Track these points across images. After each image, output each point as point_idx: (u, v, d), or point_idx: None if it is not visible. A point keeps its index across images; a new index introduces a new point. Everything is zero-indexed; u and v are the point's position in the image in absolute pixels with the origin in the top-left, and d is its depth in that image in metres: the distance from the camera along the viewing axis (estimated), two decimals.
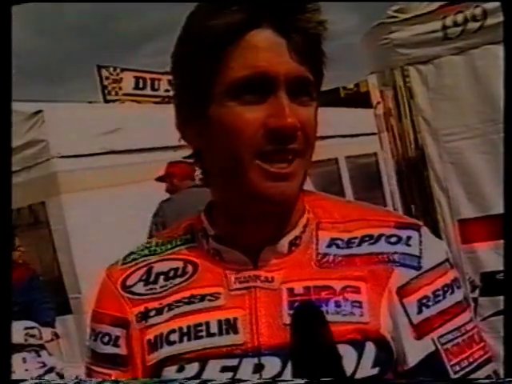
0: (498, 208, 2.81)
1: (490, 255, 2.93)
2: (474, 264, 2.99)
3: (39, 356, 3.77)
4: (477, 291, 2.99)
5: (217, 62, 0.81)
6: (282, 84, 0.80)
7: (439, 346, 0.85)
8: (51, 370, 3.73)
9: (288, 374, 0.82)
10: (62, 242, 4.56)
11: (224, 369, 0.85)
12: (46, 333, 3.96)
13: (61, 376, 3.67)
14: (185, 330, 0.88)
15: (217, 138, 0.84)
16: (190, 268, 0.92)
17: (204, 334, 0.87)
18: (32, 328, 3.81)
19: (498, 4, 2.70)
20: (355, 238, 0.89)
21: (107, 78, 10.73)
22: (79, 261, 4.42)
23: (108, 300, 0.95)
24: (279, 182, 0.81)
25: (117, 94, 10.76)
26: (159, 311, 0.90)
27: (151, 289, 0.93)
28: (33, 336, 3.78)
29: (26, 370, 3.60)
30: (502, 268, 2.83)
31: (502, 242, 2.83)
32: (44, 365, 3.73)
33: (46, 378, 3.64)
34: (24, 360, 3.64)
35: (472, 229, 3.01)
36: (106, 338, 0.93)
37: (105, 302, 0.96)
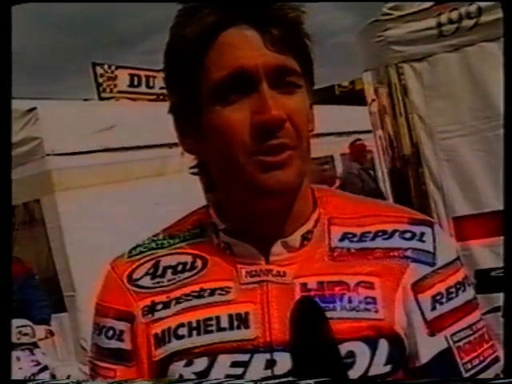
0: (493, 205, 2.82)
1: (484, 252, 2.94)
2: (468, 261, 2.99)
3: (33, 354, 3.76)
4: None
5: (198, 68, 0.82)
6: (262, 77, 0.80)
7: (452, 344, 0.85)
8: (45, 368, 3.72)
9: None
10: (56, 240, 4.55)
11: (234, 364, 0.83)
12: (40, 331, 3.95)
13: (53, 376, 3.66)
14: (194, 324, 0.86)
15: (212, 143, 0.84)
16: (199, 262, 0.91)
17: (214, 328, 0.85)
18: (25, 326, 3.79)
19: (492, 1, 2.70)
20: (369, 232, 0.89)
21: (102, 76, 10.71)
22: (74, 258, 4.41)
23: (113, 293, 0.93)
24: (273, 171, 0.81)
25: (111, 91, 10.74)
26: (166, 305, 0.89)
27: (158, 282, 0.91)
28: (25, 334, 3.76)
29: (20, 369, 3.59)
30: (496, 265, 2.83)
31: (496, 239, 2.83)
32: (38, 363, 3.72)
33: (40, 376, 3.63)
34: (18, 359, 3.63)
35: (467, 226, 3.01)
36: (110, 333, 0.92)
37: (109, 296, 0.94)
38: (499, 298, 2.83)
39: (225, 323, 0.85)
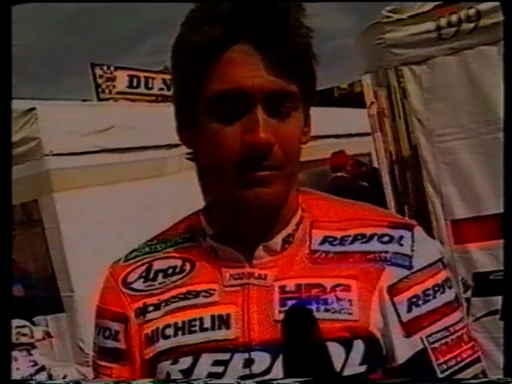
0: (491, 208, 2.82)
1: (482, 255, 2.94)
2: (466, 264, 3.00)
3: (30, 355, 3.76)
4: (469, 291, 3.00)
5: (199, 76, 0.84)
6: (257, 99, 0.82)
7: (427, 345, 0.87)
8: (42, 368, 3.72)
9: (276, 369, 0.84)
10: (54, 240, 4.54)
11: (216, 362, 0.87)
12: (38, 331, 3.95)
13: (50, 376, 3.66)
14: (179, 324, 0.91)
15: (203, 148, 0.88)
16: (187, 266, 0.95)
17: (197, 328, 0.89)
18: (23, 327, 3.79)
19: (492, 5, 2.71)
20: (348, 236, 0.91)
21: (101, 77, 10.70)
22: (72, 259, 4.41)
23: (109, 296, 0.99)
24: (256, 188, 0.84)
25: (110, 92, 10.73)
26: (157, 307, 0.94)
27: (150, 285, 0.96)
28: (24, 335, 3.76)
29: (18, 369, 3.59)
30: (494, 268, 2.84)
31: (495, 242, 2.84)
32: (35, 364, 3.72)
33: (37, 377, 3.63)
34: (15, 359, 3.63)
35: (465, 229, 3.02)
36: (107, 333, 0.98)
37: (107, 298, 0.99)
38: (497, 301, 2.83)
39: (207, 324, 0.89)
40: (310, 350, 0.73)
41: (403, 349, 0.87)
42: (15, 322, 3.76)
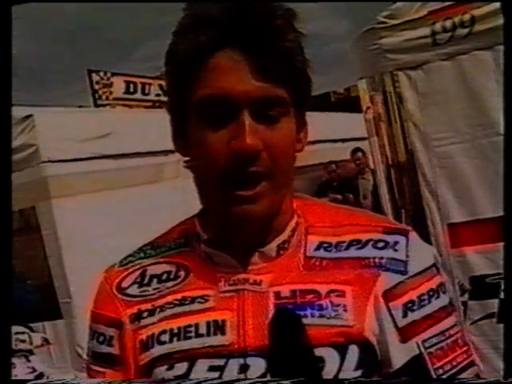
0: (487, 212, 2.84)
1: (479, 259, 2.95)
2: (463, 268, 3.01)
3: (29, 361, 3.75)
4: (466, 295, 3.01)
5: (187, 82, 0.84)
6: (244, 105, 0.81)
7: (423, 350, 0.87)
8: (41, 375, 3.71)
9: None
10: (52, 247, 4.54)
11: (211, 368, 0.87)
12: (36, 338, 3.94)
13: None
14: (175, 330, 0.91)
15: (194, 155, 0.89)
16: (182, 272, 0.95)
17: (193, 334, 0.89)
18: (22, 333, 3.79)
19: (486, 10, 2.73)
20: (343, 242, 0.91)
21: (98, 83, 10.72)
22: (70, 265, 4.40)
23: (104, 301, 0.98)
24: (244, 205, 0.84)
25: (107, 98, 10.75)
26: (151, 312, 0.93)
27: (144, 291, 0.96)
28: (23, 341, 3.76)
29: (16, 376, 3.58)
30: (491, 272, 2.85)
31: (491, 245, 2.85)
32: (34, 370, 3.72)
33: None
34: (14, 365, 3.63)
35: (461, 233, 3.03)
36: (101, 338, 0.97)
37: (101, 303, 0.99)
38: (494, 305, 2.84)
39: (203, 330, 0.89)
40: (295, 354, 0.74)
41: (399, 354, 0.87)
42: (14, 329, 3.76)
